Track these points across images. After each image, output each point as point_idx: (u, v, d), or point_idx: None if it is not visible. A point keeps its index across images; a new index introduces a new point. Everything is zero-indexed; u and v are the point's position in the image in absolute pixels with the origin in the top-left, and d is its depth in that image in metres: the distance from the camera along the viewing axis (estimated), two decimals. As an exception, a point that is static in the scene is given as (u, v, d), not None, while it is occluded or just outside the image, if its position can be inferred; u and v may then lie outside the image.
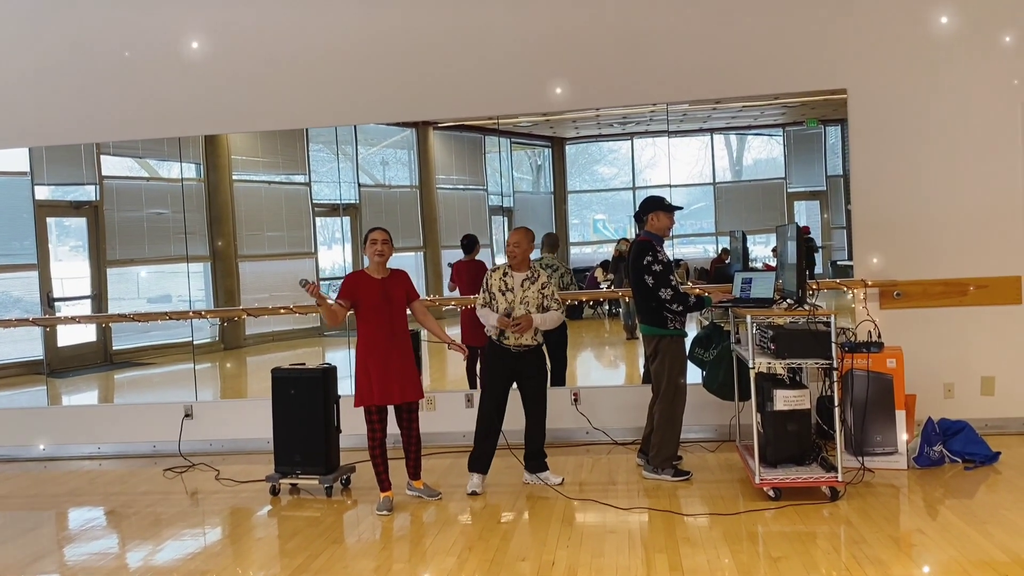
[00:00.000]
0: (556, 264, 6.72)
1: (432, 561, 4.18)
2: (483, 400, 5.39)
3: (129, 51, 6.87)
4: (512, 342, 5.29)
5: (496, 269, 5.42)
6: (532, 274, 5.37)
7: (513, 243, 5.38)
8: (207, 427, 6.82)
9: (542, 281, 5.37)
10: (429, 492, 5.20)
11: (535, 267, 5.45)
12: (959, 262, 6.11)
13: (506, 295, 5.30)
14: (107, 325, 7.36)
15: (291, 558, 4.33)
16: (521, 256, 5.36)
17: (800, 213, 6.94)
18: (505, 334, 5.28)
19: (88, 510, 5.46)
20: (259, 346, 7.51)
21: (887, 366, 5.36)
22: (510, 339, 5.29)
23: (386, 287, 5.02)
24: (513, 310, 5.26)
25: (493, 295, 5.33)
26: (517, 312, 5.25)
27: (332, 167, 7.28)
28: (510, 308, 5.26)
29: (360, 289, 4.99)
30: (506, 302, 5.28)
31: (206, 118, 6.85)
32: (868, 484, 5.05)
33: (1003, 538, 4.08)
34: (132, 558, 4.47)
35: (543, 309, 5.32)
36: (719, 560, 3.98)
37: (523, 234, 5.40)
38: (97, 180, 7.30)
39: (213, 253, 7.27)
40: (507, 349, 5.30)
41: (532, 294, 5.31)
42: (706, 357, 5.68)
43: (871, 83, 6.17)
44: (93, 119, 6.93)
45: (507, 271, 5.37)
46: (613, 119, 6.96)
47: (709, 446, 6.16)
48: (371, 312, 4.99)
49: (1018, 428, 6.08)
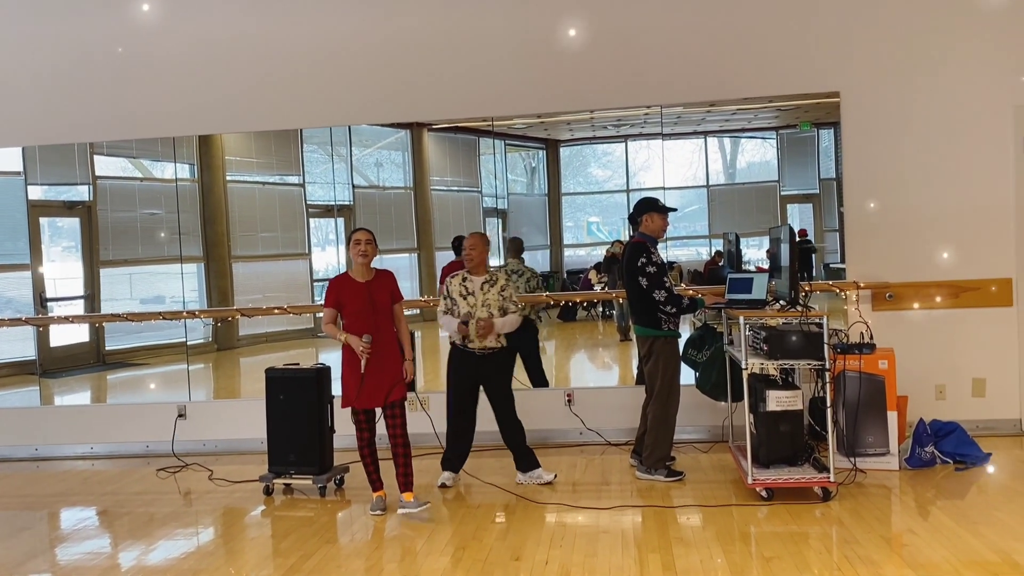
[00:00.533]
0: (522, 269, 6.74)
1: (426, 561, 4.18)
2: (449, 404, 5.46)
3: (123, 50, 6.86)
4: (476, 346, 5.32)
5: (455, 275, 5.46)
6: (491, 277, 5.43)
7: (469, 247, 5.41)
8: (201, 427, 6.81)
9: (501, 284, 5.43)
10: (419, 506, 4.89)
11: (493, 271, 5.51)
12: (951, 264, 6.14)
13: (467, 299, 5.34)
14: (100, 325, 7.35)
15: (285, 558, 4.32)
16: (477, 260, 5.41)
17: (793, 216, 6.97)
18: (470, 337, 5.31)
19: (81, 510, 5.44)
20: (253, 347, 7.51)
21: (879, 367, 5.38)
22: (475, 343, 5.32)
23: (371, 289, 4.95)
24: (474, 315, 5.29)
25: (454, 300, 5.38)
26: (480, 314, 5.29)
27: (326, 168, 7.28)
28: (471, 312, 5.30)
29: (345, 293, 4.93)
30: (468, 306, 5.32)
31: (200, 118, 6.85)
32: (860, 485, 5.07)
33: (994, 538, 4.11)
34: (125, 558, 4.46)
35: (504, 312, 5.37)
36: (712, 560, 4.00)
37: (478, 239, 5.45)
38: (91, 180, 7.29)
39: (207, 254, 7.27)
40: (471, 353, 5.35)
41: (492, 297, 5.37)
42: (699, 358, 5.70)
43: (864, 86, 6.21)
44: (87, 119, 6.92)
45: (466, 276, 5.43)
46: (607, 121, 6.98)
47: (702, 447, 6.18)
48: (356, 316, 4.90)
49: (1009, 429, 6.11)
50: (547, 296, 6.79)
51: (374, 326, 4.88)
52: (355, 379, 4.89)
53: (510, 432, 5.46)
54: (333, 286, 4.98)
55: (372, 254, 4.98)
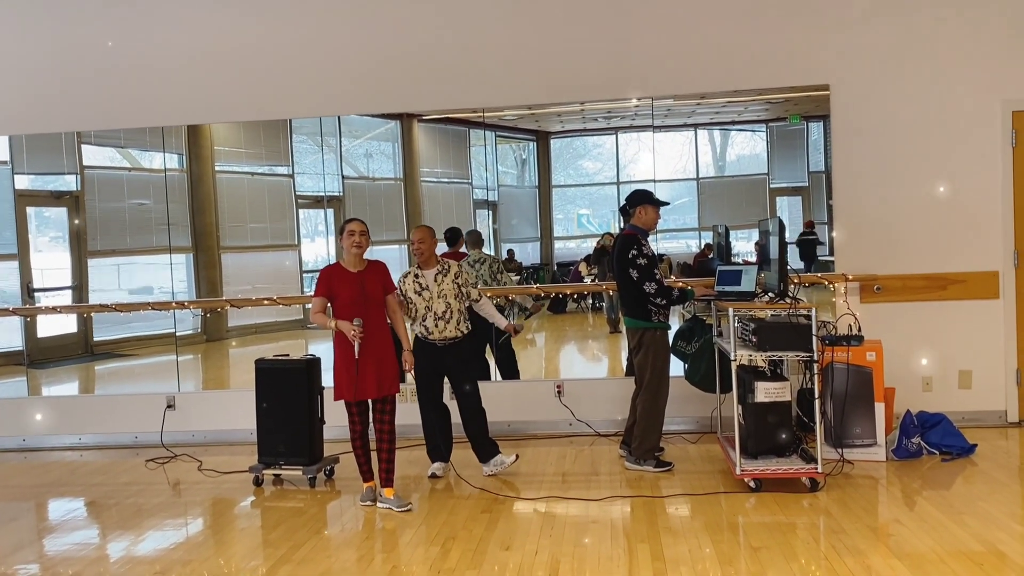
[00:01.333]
0: (483, 257, 6.76)
1: (416, 551, 4.19)
2: (419, 397, 5.49)
3: (112, 40, 6.82)
4: (437, 337, 5.33)
5: (406, 274, 5.43)
6: (442, 267, 5.43)
7: (418, 240, 5.40)
8: (190, 418, 6.80)
9: (454, 271, 5.45)
10: (399, 503, 4.90)
11: (443, 260, 5.50)
12: (939, 257, 6.18)
13: (422, 295, 5.34)
14: (88, 316, 7.31)
15: (274, 548, 4.33)
16: (428, 253, 5.40)
17: (782, 209, 6.99)
18: (429, 330, 5.33)
19: (69, 501, 5.43)
20: (242, 337, 7.48)
21: (867, 359, 5.42)
22: (434, 333, 5.32)
23: (363, 280, 4.93)
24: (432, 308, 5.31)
25: (409, 299, 5.37)
26: (437, 307, 5.30)
27: (315, 159, 7.25)
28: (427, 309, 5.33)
29: (336, 282, 4.90)
30: (424, 301, 5.33)
31: (189, 108, 6.82)
32: (847, 475, 5.11)
33: (979, 528, 4.15)
34: (113, 549, 4.45)
35: (460, 297, 5.41)
36: (700, 550, 4.02)
37: (426, 231, 5.45)
38: (78, 170, 7.24)
39: (195, 244, 7.23)
40: (432, 344, 5.36)
41: (448, 286, 5.38)
42: (688, 350, 5.73)
43: (854, 80, 6.23)
44: (74, 108, 6.88)
45: (417, 272, 5.41)
46: (598, 113, 6.98)
47: (691, 438, 6.21)
48: (347, 306, 4.87)
49: (994, 421, 6.17)
50: (537, 288, 6.79)
51: (365, 316, 4.85)
52: (348, 371, 4.87)
53: (470, 422, 5.46)
54: (324, 275, 4.94)
55: (366, 245, 4.96)
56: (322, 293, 4.90)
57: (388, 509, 4.91)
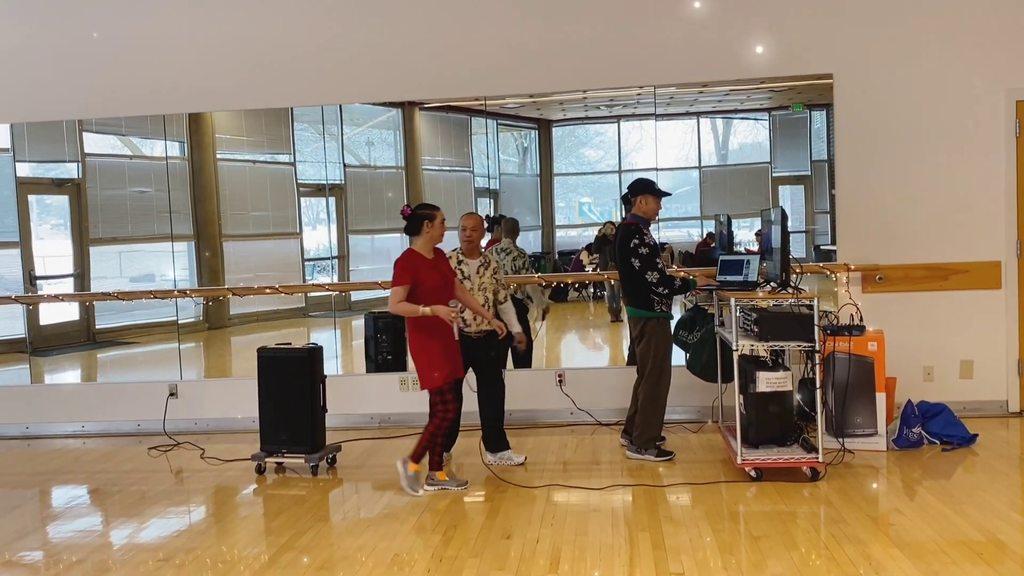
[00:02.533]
0: (510, 248, 6.73)
1: (418, 539, 4.21)
2: None
3: (111, 27, 6.80)
4: (474, 329, 5.33)
5: (448, 257, 5.28)
6: (484, 260, 5.43)
7: (471, 228, 5.37)
8: (192, 406, 6.82)
9: (493, 267, 5.45)
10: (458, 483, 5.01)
11: (484, 252, 5.50)
12: (941, 247, 6.18)
13: (463, 284, 5.30)
14: (90, 304, 7.32)
15: (277, 536, 4.35)
16: (477, 242, 5.40)
17: (784, 198, 6.98)
18: (467, 322, 5.31)
19: (72, 488, 5.45)
20: (243, 326, 7.50)
21: (868, 349, 5.42)
22: (472, 325, 5.32)
23: (438, 266, 4.92)
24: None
25: None
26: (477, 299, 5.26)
27: (317, 147, 7.24)
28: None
29: (421, 270, 4.82)
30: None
31: (190, 96, 6.80)
32: (848, 465, 5.12)
33: (979, 518, 4.16)
34: (117, 536, 4.47)
35: (495, 291, 5.41)
36: (701, 538, 4.04)
37: (479, 220, 5.45)
38: (79, 158, 7.23)
39: (197, 232, 7.23)
40: (468, 336, 5.33)
41: (488, 279, 5.38)
42: (690, 339, 5.73)
43: (857, 68, 6.21)
44: (75, 95, 6.86)
45: (461, 258, 5.39)
46: (600, 101, 6.96)
47: (692, 427, 6.22)
48: (432, 292, 4.79)
49: (995, 411, 6.18)
50: (539, 277, 6.79)
51: (447, 301, 4.83)
52: (446, 353, 4.86)
53: (492, 412, 5.44)
54: (407, 264, 4.81)
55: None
56: (408, 281, 4.77)
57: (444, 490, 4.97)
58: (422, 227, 4.87)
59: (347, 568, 3.88)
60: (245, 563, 3.99)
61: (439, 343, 4.85)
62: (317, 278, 7.39)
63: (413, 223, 4.89)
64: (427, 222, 4.87)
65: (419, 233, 4.89)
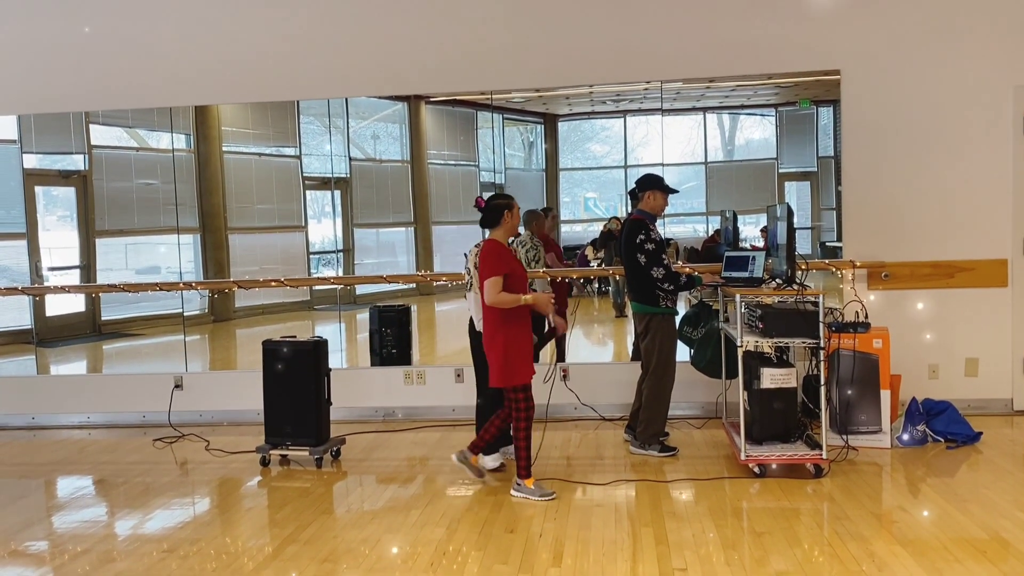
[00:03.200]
0: (524, 239, 6.72)
1: (421, 532, 4.22)
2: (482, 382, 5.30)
3: (118, 19, 6.80)
4: None
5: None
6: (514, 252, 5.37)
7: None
8: (197, 398, 6.84)
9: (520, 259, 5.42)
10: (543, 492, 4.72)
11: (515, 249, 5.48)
12: (947, 244, 6.16)
13: None
14: (96, 296, 7.34)
15: (281, 528, 4.36)
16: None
17: (791, 194, 6.97)
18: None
19: (77, 479, 5.47)
20: (249, 318, 7.51)
21: (873, 346, 5.41)
22: None
23: (515, 256, 4.82)
24: None
25: None
26: None
27: (323, 140, 7.25)
28: None
29: (509, 259, 4.68)
30: None
31: (196, 88, 6.80)
32: (852, 462, 5.12)
33: (982, 516, 4.16)
34: (121, 527, 4.49)
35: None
36: (704, 534, 4.04)
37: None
38: (86, 149, 7.24)
39: (203, 225, 7.25)
40: None
41: None
42: (694, 335, 5.73)
43: (864, 65, 6.19)
44: (82, 87, 6.87)
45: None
46: (606, 96, 6.95)
47: (696, 423, 6.22)
48: (520, 281, 4.65)
49: (1000, 409, 6.16)
50: (544, 272, 6.79)
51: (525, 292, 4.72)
52: (530, 349, 4.68)
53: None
54: (499, 253, 4.63)
55: None
56: (505, 270, 4.59)
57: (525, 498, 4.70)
58: (502, 217, 4.71)
59: (351, 561, 3.89)
60: (249, 555, 4.01)
61: (527, 338, 4.69)
62: (322, 271, 7.41)
63: (493, 214, 4.72)
64: (507, 211, 4.71)
65: (499, 223, 4.72)
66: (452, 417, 6.57)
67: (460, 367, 6.64)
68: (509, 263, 4.64)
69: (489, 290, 4.54)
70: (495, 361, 4.67)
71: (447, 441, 5.97)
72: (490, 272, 4.56)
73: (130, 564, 3.95)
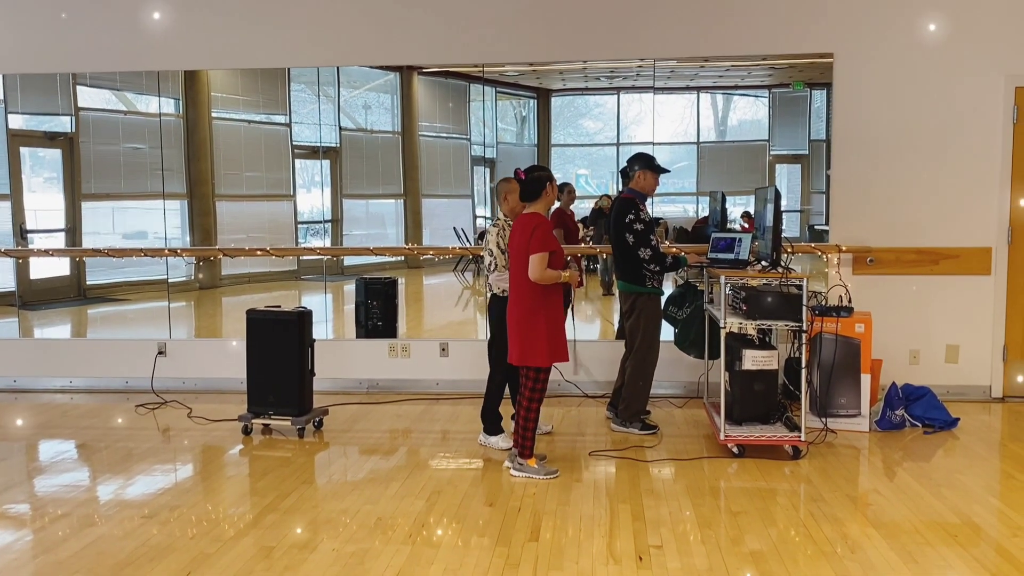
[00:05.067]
0: None
1: (401, 504, 4.25)
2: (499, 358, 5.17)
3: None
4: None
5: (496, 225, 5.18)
6: None
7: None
8: (181, 365, 6.83)
9: None
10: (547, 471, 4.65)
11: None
12: (933, 231, 6.19)
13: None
14: (81, 260, 7.30)
15: (261, 497, 4.38)
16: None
17: (781, 176, 6.98)
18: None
19: (59, 443, 5.47)
20: (234, 286, 7.49)
21: (855, 331, 5.45)
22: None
23: None
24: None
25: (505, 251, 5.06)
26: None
27: (313, 108, 7.19)
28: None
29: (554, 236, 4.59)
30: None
31: (186, 52, 6.72)
32: (830, 444, 5.18)
33: (956, 501, 4.22)
34: (103, 491, 4.50)
35: None
36: (681, 512, 4.09)
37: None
38: (73, 111, 7.17)
39: (190, 191, 7.20)
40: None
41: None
42: (679, 315, 5.75)
43: (858, 49, 6.17)
44: (70, 48, 6.78)
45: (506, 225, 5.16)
46: (600, 73, 6.91)
47: (677, 402, 6.26)
48: (561, 255, 4.57)
49: (978, 396, 6.23)
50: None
51: None
52: (562, 328, 4.63)
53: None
54: (548, 228, 4.53)
55: None
56: (554, 247, 4.51)
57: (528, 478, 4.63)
58: (544, 189, 4.58)
59: (330, 530, 3.91)
60: (229, 522, 4.03)
61: (559, 319, 4.63)
62: (310, 241, 7.38)
63: (534, 186, 4.58)
64: (549, 184, 4.59)
65: (540, 196, 4.59)
66: (436, 391, 6.59)
67: (445, 341, 6.65)
68: (555, 240, 4.56)
69: (537, 265, 4.44)
70: (533, 339, 4.55)
71: (430, 414, 5.99)
72: (540, 247, 4.45)
73: (110, 528, 3.96)
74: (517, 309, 4.63)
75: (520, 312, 4.61)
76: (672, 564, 3.52)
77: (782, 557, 3.57)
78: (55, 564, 3.59)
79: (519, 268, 4.58)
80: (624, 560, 3.56)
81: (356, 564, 3.55)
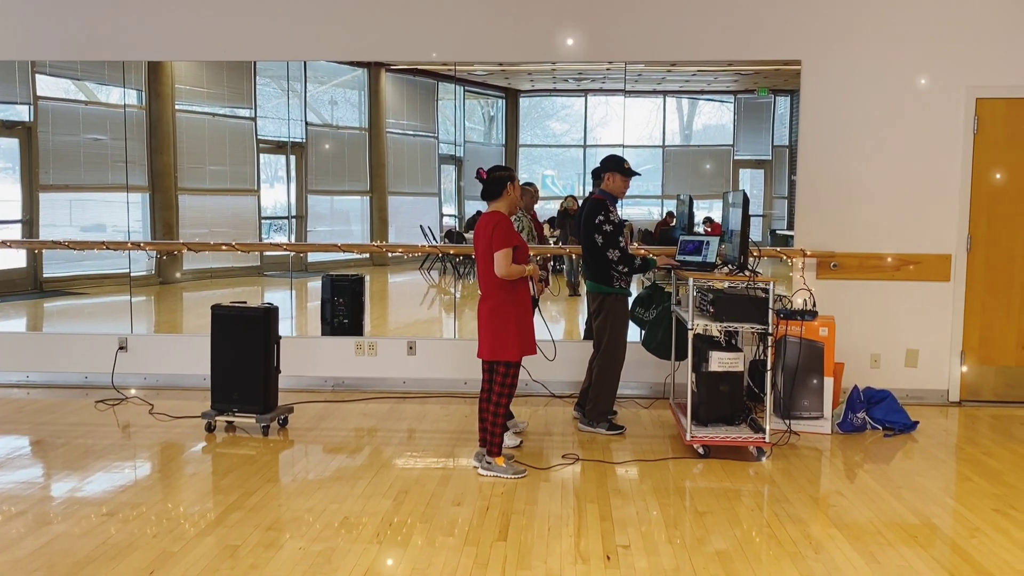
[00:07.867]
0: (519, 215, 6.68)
1: (368, 503, 4.21)
2: None
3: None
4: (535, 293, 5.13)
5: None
6: None
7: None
8: (142, 361, 6.70)
9: None
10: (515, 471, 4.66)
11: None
12: (895, 238, 6.30)
13: None
14: (39, 252, 7.13)
15: (225, 495, 4.32)
16: None
17: (745, 180, 7.05)
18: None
19: (15, 439, 5.33)
20: (197, 282, 7.37)
21: (819, 334, 5.53)
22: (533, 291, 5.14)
23: None
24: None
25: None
26: None
27: (279, 103, 7.10)
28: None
29: (516, 232, 4.67)
30: None
31: (150, 43, 6.60)
32: (793, 446, 5.25)
33: (915, 502, 4.30)
34: (59, 488, 4.40)
35: None
36: (647, 512, 4.11)
37: None
38: (31, 100, 6.99)
39: (152, 184, 7.06)
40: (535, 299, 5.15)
41: None
42: (646, 316, 5.80)
43: (825, 57, 6.26)
44: (29, 35, 6.62)
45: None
46: (569, 74, 6.93)
47: (644, 403, 6.30)
48: (525, 253, 4.65)
49: (936, 399, 6.36)
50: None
51: None
52: (530, 324, 4.70)
53: None
54: (509, 225, 4.60)
55: None
56: (518, 241, 4.61)
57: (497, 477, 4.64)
58: (505, 189, 4.65)
59: (295, 529, 3.87)
60: (191, 520, 3.96)
61: (528, 314, 4.70)
62: (273, 237, 7.29)
63: (496, 185, 4.66)
64: (510, 184, 4.66)
65: (502, 195, 4.66)
66: (403, 389, 6.55)
67: (413, 339, 6.62)
68: (517, 235, 4.63)
69: (502, 262, 4.51)
70: (504, 334, 4.58)
71: (396, 413, 5.95)
72: (503, 243, 4.51)
73: (68, 527, 3.88)
74: (486, 306, 4.68)
75: (489, 308, 4.66)
76: (640, 563, 3.54)
77: (747, 557, 3.61)
78: (12, 563, 3.50)
79: (485, 266, 4.64)
80: (592, 560, 3.58)
81: (323, 563, 3.52)
